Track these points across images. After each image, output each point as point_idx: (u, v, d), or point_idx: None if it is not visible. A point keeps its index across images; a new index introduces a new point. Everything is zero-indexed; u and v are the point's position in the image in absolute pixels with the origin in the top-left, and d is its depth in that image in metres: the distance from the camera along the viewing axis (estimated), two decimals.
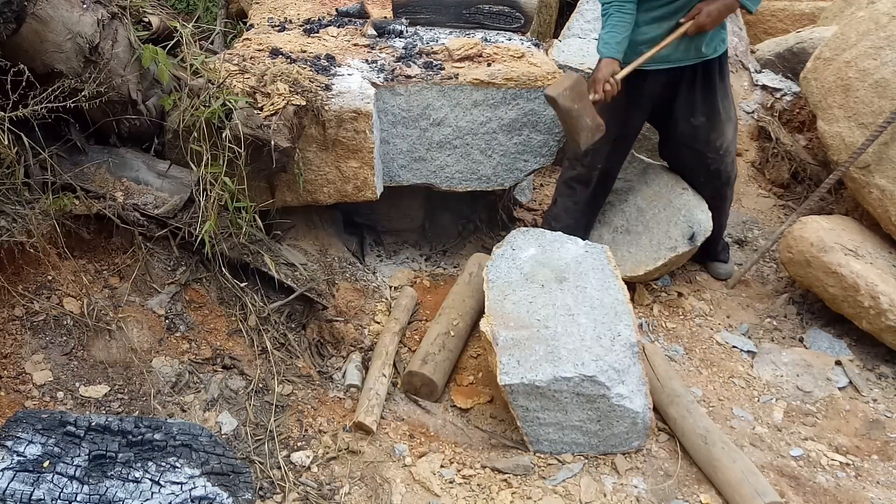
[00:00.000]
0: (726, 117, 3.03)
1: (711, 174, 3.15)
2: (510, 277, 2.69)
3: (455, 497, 2.30)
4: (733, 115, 3.10)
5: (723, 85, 2.99)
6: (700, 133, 3.02)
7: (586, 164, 3.15)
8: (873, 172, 3.06)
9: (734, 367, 2.93)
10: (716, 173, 3.14)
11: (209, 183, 2.50)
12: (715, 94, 2.97)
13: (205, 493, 1.80)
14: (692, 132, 3.03)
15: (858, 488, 2.41)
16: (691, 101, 2.97)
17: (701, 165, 3.13)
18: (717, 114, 2.99)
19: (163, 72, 2.51)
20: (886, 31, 3.08)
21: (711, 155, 3.07)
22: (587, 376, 2.33)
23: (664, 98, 3.00)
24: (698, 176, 3.19)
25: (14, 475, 1.71)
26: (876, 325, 2.83)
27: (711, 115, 2.99)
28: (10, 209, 2.18)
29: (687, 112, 2.99)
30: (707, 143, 3.04)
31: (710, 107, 2.98)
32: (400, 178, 3.12)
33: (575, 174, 3.20)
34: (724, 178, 3.17)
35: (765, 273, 3.49)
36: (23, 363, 2.19)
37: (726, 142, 3.07)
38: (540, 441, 2.46)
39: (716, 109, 2.98)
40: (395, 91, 2.93)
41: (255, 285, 2.71)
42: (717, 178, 3.16)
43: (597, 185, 3.22)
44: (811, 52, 3.83)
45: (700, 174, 3.17)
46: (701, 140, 3.04)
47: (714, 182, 3.17)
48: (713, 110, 2.98)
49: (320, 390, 2.62)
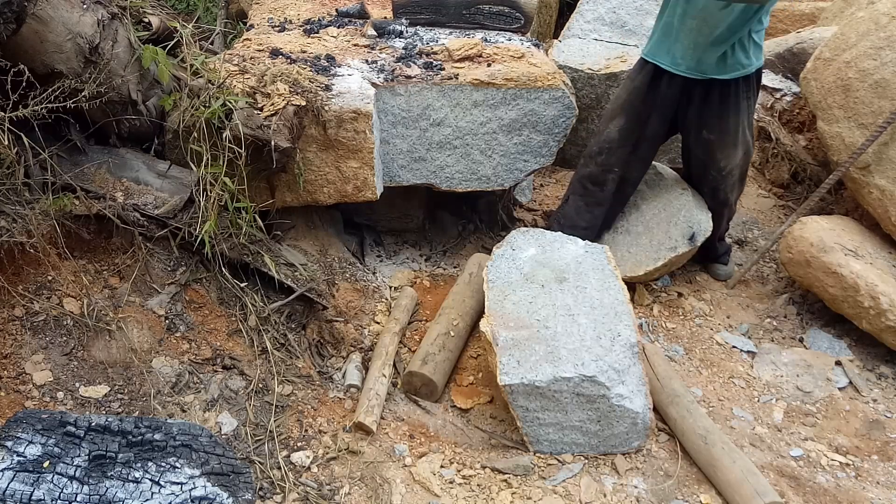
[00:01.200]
0: (737, 141, 2.96)
1: (711, 191, 3.16)
2: (510, 277, 2.69)
3: (455, 497, 2.30)
4: (748, 141, 3.02)
5: (741, 108, 2.91)
6: (707, 148, 3.01)
7: (600, 163, 3.15)
8: (873, 172, 3.06)
9: (734, 367, 2.93)
10: (715, 191, 3.15)
11: (209, 183, 2.50)
12: (729, 115, 2.91)
13: (205, 493, 1.80)
14: (701, 145, 3.02)
15: (858, 488, 2.41)
16: (704, 114, 2.94)
17: (704, 179, 3.15)
18: (727, 135, 2.94)
19: (163, 72, 2.51)
20: (886, 32, 3.08)
21: (713, 173, 3.07)
22: (587, 376, 2.33)
23: (682, 104, 2.99)
24: (702, 186, 3.21)
25: (14, 475, 1.71)
26: (876, 326, 2.83)
27: (722, 135, 2.95)
28: (10, 209, 2.18)
29: (699, 124, 2.98)
30: (712, 160, 3.03)
31: (722, 127, 2.93)
32: (400, 178, 3.12)
33: (588, 172, 3.20)
34: (721, 198, 3.16)
35: (765, 273, 3.49)
36: (23, 363, 2.19)
37: (731, 165, 3.03)
38: (540, 441, 2.46)
39: (727, 130, 2.93)
40: (395, 91, 2.93)
41: (255, 285, 2.71)
42: (716, 197, 3.17)
43: (615, 191, 3.19)
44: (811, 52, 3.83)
45: (703, 185, 3.19)
46: (707, 155, 3.03)
47: (713, 199, 3.19)
48: (724, 131, 2.94)
49: (320, 390, 2.62)
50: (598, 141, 3.16)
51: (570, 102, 3.06)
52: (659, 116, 3.04)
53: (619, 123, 3.07)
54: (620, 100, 3.10)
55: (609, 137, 3.11)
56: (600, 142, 3.14)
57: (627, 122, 3.05)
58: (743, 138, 2.98)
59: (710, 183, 3.12)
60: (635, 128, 3.05)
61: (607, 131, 3.12)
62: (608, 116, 3.14)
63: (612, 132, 3.09)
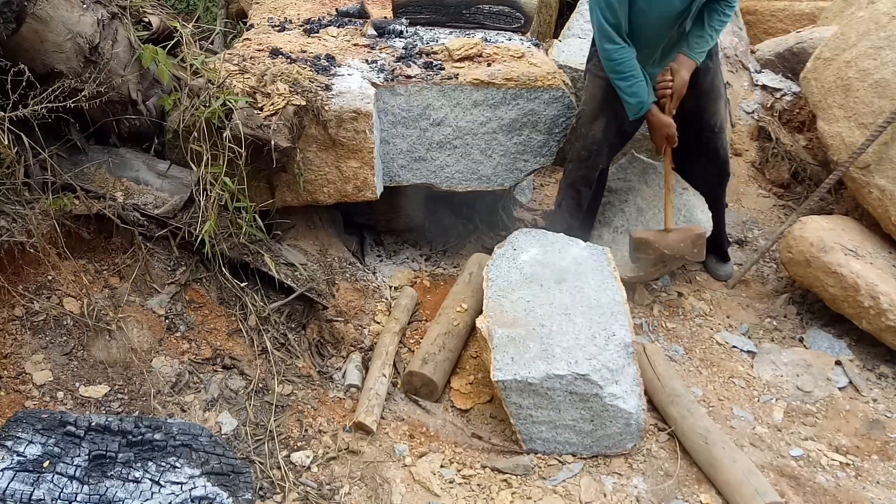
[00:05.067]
0: (718, 95, 3.11)
1: (710, 153, 3.18)
2: (510, 277, 2.69)
3: (455, 497, 2.30)
4: (724, 94, 3.18)
5: (713, 64, 3.05)
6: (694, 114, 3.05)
7: (590, 166, 3.15)
8: (873, 172, 3.06)
9: (734, 367, 2.93)
10: (714, 152, 3.18)
11: (209, 183, 2.50)
12: (707, 75, 3.02)
13: (205, 493, 1.80)
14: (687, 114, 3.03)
15: (858, 488, 2.41)
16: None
17: (700, 145, 3.16)
18: (709, 92, 3.06)
19: (163, 72, 2.51)
20: (886, 31, 3.08)
21: (707, 134, 3.13)
22: (580, 374, 2.33)
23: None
24: (700, 157, 3.19)
25: (14, 475, 1.71)
26: (876, 325, 2.83)
27: (703, 94, 3.05)
28: (10, 209, 2.18)
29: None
30: (702, 122, 3.10)
31: (701, 87, 3.02)
32: (400, 178, 3.12)
33: (580, 175, 3.19)
34: (722, 154, 3.21)
35: (765, 273, 3.49)
36: (23, 363, 2.19)
37: (720, 119, 3.14)
38: (533, 440, 2.46)
39: (706, 88, 3.05)
40: (395, 91, 2.93)
41: (255, 285, 2.71)
42: (717, 157, 3.19)
43: (596, 184, 3.25)
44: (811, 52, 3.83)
45: (701, 155, 3.19)
46: (697, 120, 3.08)
47: (715, 162, 3.20)
48: (705, 90, 3.04)
49: (320, 390, 2.62)
50: (585, 144, 3.10)
51: (570, 102, 3.06)
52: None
53: (601, 124, 3.06)
54: (597, 100, 3.05)
55: (595, 139, 3.08)
56: (587, 145, 3.10)
57: (608, 121, 3.04)
58: (720, 90, 3.13)
59: (709, 145, 3.16)
60: (617, 124, 3.06)
61: (592, 133, 3.08)
62: (588, 118, 3.09)
63: (597, 133, 3.07)
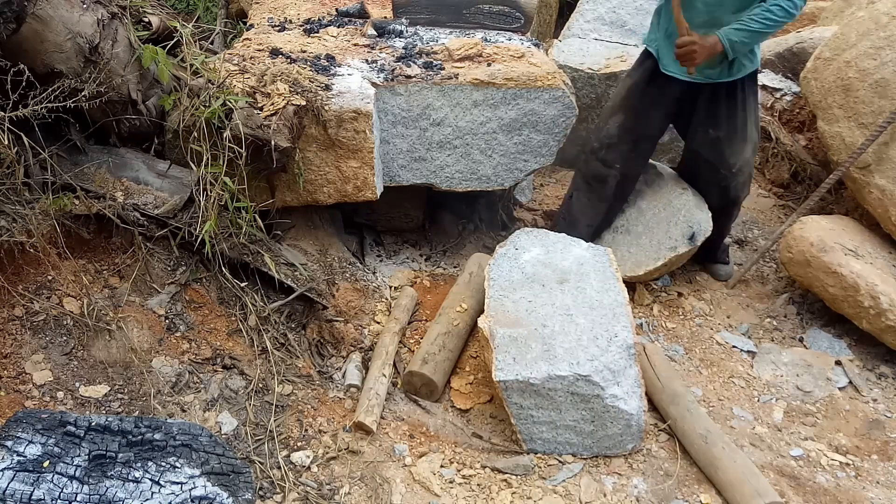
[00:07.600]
0: (745, 137, 2.98)
1: (721, 190, 3.14)
2: (512, 277, 2.69)
3: (455, 497, 2.30)
4: (755, 137, 3.04)
5: (749, 104, 2.94)
6: (716, 146, 3.01)
7: (601, 159, 3.16)
8: (873, 172, 3.06)
9: (734, 367, 2.93)
10: (725, 190, 3.13)
11: (209, 183, 2.50)
12: (737, 112, 2.93)
13: (205, 493, 1.80)
14: (709, 144, 3.01)
15: (858, 488, 2.41)
16: (712, 112, 2.96)
17: (713, 179, 3.12)
18: (735, 131, 2.96)
19: (163, 72, 2.51)
20: (886, 31, 3.08)
21: (724, 171, 3.05)
22: (581, 375, 2.33)
23: (686, 104, 3.00)
24: (710, 188, 3.18)
25: (14, 475, 1.70)
26: (876, 325, 2.83)
27: (730, 132, 2.96)
28: (10, 209, 2.18)
29: (706, 123, 2.99)
30: (721, 158, 3.02)
31: (730, 123, 2.95)
32: (400, 178, 3.12)
33: (590, 169, 3.21)
34: (732, 196, 3.15)
35: (765, 273, 3.49)
36: (23, 363, 2.19)
37: (740, 161, 3.03)
38: (534, 440, 2.46)
39: (735, 127, 2.95)
40: (395, 91, 2.93)
41: (255, 285, 2.71)
42: (726, 196, 3.15)
43: (616, 189, 3.21)
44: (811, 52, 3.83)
45: (711, 187, 3.17)
46: (716, 154, 3.03)
47: (723, 198, 3.17)
48: (732, 127, 2.96)
49: (320, 390, 2.62)
50: (599, 137, 3.18)
51: (570, 102, 3.06)
52: (658, 113, 3.05)
53: (618, 120, 3.09)
54: (619, 96, 3.12)
55: (609, 133, 3.12)
56: (600, 138, 3.17)
57: (626, 118, 3.06)
58: (751, 134, 3.00)
59: (721, 182, 3.10)
60: (634, 125, 3.06)
61: (607, 128, 3.14)
62: (608, 113, 3.16)
63: (612, 128, 3.11)
